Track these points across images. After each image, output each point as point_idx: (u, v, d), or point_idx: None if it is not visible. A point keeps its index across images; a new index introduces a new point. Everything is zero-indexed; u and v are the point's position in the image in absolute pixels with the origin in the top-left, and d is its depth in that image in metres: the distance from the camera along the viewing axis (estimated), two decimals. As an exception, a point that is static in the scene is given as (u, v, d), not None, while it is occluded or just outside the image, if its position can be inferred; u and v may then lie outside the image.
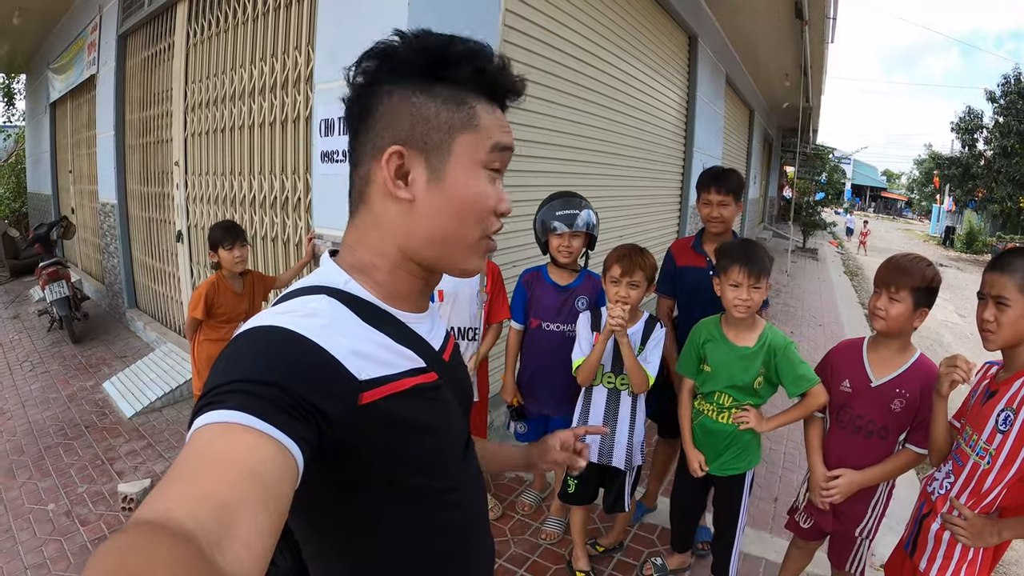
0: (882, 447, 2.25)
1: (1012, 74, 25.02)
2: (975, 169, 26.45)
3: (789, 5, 7.72)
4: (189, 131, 5.21)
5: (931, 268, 2.18)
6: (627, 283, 2.48)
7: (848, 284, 14.42)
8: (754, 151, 16.73)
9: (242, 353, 0.70)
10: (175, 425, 4.46)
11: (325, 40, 3.44)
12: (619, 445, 2.67)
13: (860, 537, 2.39)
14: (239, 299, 3.43)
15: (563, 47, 4.57)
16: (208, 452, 0.59)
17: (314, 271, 0.91)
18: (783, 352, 2.37)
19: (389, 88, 0.83)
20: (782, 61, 11.44)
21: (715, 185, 2.92)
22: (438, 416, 0.91)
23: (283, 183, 4.02)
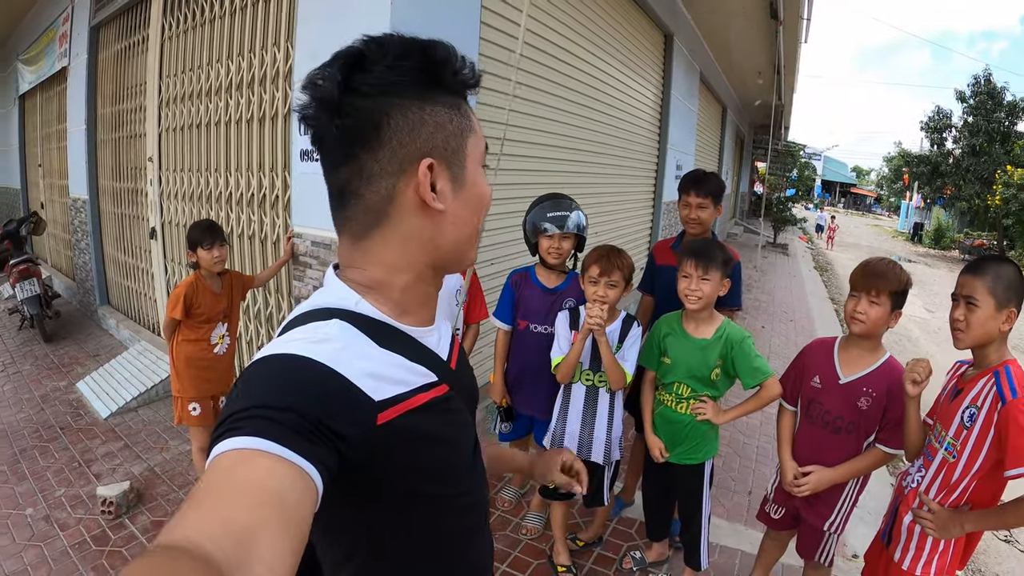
0: (850, 442, 2.33)
1: (982, 75, 25.50)
2: (944, 167, 26.91)
3: (764, 6, 7.82)
4: (163, 126, 5.12)
5: (904, 271, 2.28)
6: (605, 283, 2.53)
7: (818, 279, 14.65)
8: (726, 148, 16.97)
9: (258, 380, 0.71)
10: (151, 425, 4.41)
11: (305, 37, 3.41)
12: (597, 441, 2.71)
13: (828, 531, 2.47)
14: (218, 299, 3.40)
15: (541, 45, 4.59)
16: (228, 478, 0.59)
17: (321, 290, 0.89)
18: (739, 345, 2.48)
19: (394, 101, 0.80)
20: (756, 60, 11.59)
21: (695, 188, 3.02)
22: (452, 427, 0.93)
23: (260, 180, 3.98)
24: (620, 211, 7.19)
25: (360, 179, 0.82)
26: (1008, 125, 25.05)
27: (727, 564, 3.12)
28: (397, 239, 0.85)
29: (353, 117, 0.79)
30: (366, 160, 0.81)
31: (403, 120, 0.80)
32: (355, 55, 0.79)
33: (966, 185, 25.45)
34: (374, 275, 0.87)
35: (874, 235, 36.16)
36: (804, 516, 2.48)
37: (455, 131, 0.85)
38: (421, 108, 0.81)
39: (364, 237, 0.85)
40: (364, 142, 0.80)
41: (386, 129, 0.80)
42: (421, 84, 0.82)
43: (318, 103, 0.80)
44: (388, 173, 0.82)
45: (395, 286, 0.87)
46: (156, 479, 3.67)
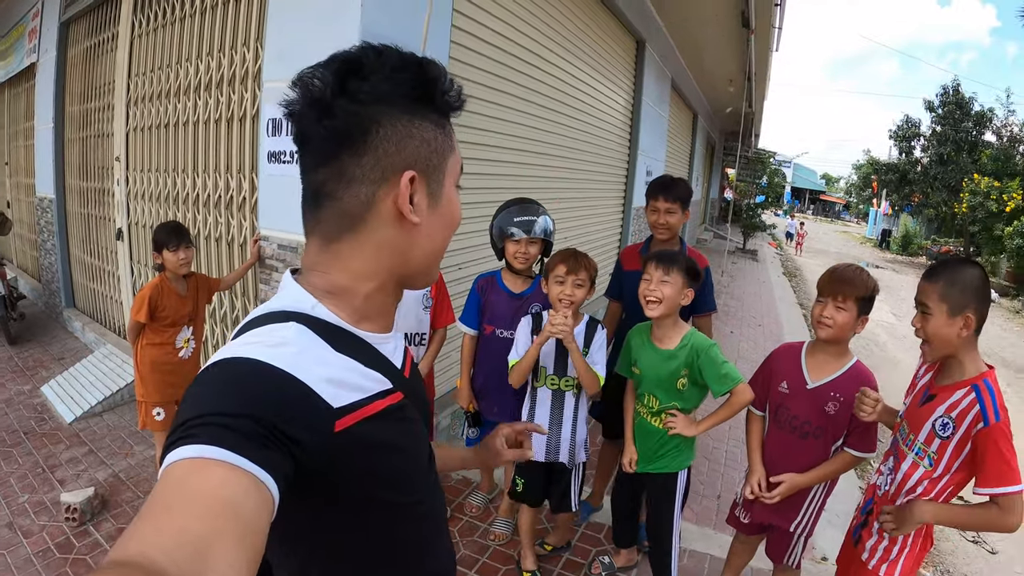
0: (818, 447, 2.35)
1: (951, 85, 26.06)
2: (912, 175, 27.45)
3: (736, 14, 7.91)
4: (131, 126, 5.03)
5: (871, 278, 2.31)
6: (572, 281, 2.52)
7: (787, 284, 14.87)
8: (697, 154, 17.12)
9: (213, 386, 0.69)
10: (116, 430, 4.33)
11: (274, 37, 3.37)
12: (564, 443, 2.72)
13: (796, 533, 2.49)
14: (183, 302, 3.34)
15: (511, 49, 4.60)
16: (182, 488, 0.58)
17: (278, 294, 0.88)
18: (705, 353, 2.46)
19: (385, 110, 0.81)
20: (727, 67, 11.71)
21: (663, 193, 3.03)
22: (406, 435, 0.93)
23: (228, 182, 3.92)
24: (590, 216, 7.22)
25: (340, 182, 0.82)
26: (975, 135, 25.65)
27: (696, 568, 3.13)
28: (369, 246, 0.85)
29: (343, 120, 0.79)
30: (349, 164, 0.81)
31: (392, 130, 0.81)
32: (353, 61, 0.80)
33: (933, 193, 25.97)
34: (338, 280, 0.86)
35: (843, 241, 36.80)
36: (771, 519, 2.50)
37: (438, 148, 0.86)
38: (410, 121, 0.83)
39: (335, 240, 0.85)
40: (351, 146, 0.81)
41: (374, 136, 0.80)
42: (413, 99, 0.83)
43: (308, 102, 0.80)
44: (370, 180, 0.82)
45: (358, 293, 0.87)
46: (121, 485, 3.60)
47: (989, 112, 25.49)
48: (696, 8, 8.03)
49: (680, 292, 2.45)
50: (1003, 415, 1.82)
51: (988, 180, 22.69)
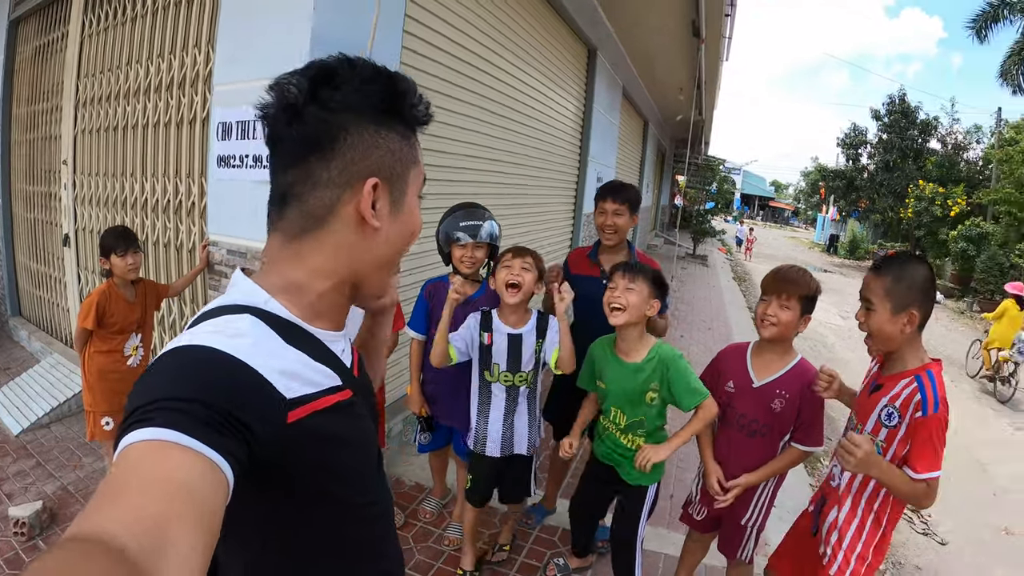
0: (765, 444, 2.39)
1: (897, 95, 26.89)
2: (859, 181, 28.31)
3: (686, 23, 8.03)
4: (79, 128, 4.90)
5: (813, 278, 2.37)
6: (519, 264, 2.59)
7: (736, 289, 15.12)
8: (647, 161, 17.39)
9: (168, 372, 0.70)
10: (64, 442, 4.20)
11: (226, 40, 3.32)
12: (520, 436, 2.76)
13: (748, 527, 2.53)
14: (131, 308, 3.27)
15: (464, 56, 4.61)
16: (139, 470, 0.59)
17: (230, 290, 0.90)
18: (674, 365, 2.44)
19: (355, 119, 0.85)
20: (678, 76, 11.88)
21: (611, 195, 3.04)
22: (356, 431, 0.95)
23: (177, 187, 3.85)
24: (540, 222, 7.27)
25: (307, 185, 0.86)
26: (920, 142, 26.59)
27: (651, 567, 3.17)
28: (328, 247, 0.88)
29: (313, 126, 0.84)
30: (317, 168, 0.85)
31: (359, 138, 0.86)
32: (328, 70, 0.85)
33: (880, 199, 26.76)
34: (294, 277, 0.89)
35: (791, 246, 37.67)
36: (723, 514, 2.54)
37: (402, 159, 0.91)
38: (377, 131, 0.87)
39: (297, 238, 0.88)
40: (319, 151, 0.85)
41: (342, 143, 0.85)
42: (381, 110, 0.88)
43: (281, 106, 0.84)
44: (335, 184, 0.86)
45: (313, 290, 0.90)
46: (70, 498, 3.49)
47: (934, 120, 26.45)
48: (647, 17, 8.15)
49: (646, 302, 2.45)
50: (943, 407, 1.87)
51: (933, 186, 23.51)
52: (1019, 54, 18.80)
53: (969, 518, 4.86)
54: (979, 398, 8.79)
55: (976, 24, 19.68)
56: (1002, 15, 19.02)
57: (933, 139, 26.75)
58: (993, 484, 5.75)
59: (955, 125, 26.42)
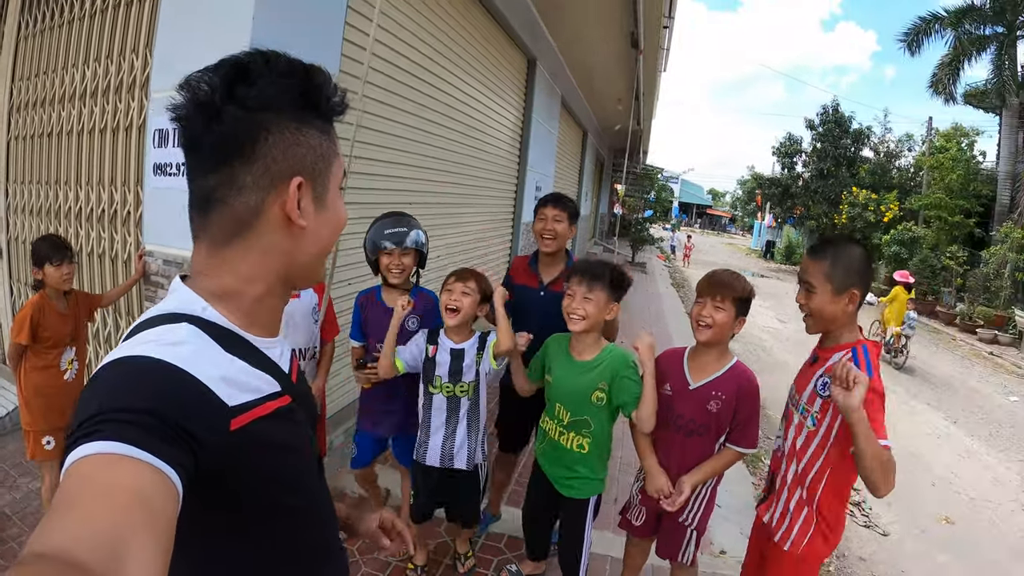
0: (703, 444, 2.43)
1: (831, 105, 27.74)
2: (794, 189, 28.95)
3: (625, 35, 8.17)
4: (12, 134, 4.72)
5: (747, 282, 2.43)
6: (459, 289, 2.63)
7: (675, 295, 15.41)
8: (586, 170, 17.67)
9: (111, 383, 0.69)
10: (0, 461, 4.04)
11: (164, 45, 3.26)
12: (460, 447, 2.74)
13: (687, 526, 2.55)
14: (64, 320, 3.16)
15: (402, 64, 4.62)
16: (91, 483, 0.58)
17: (167, 298, 0.88)
18: (625, 369, 2.46)
19: (273, 117, 0.82)
20: (616, 86, 12.09)
21: (552, 203, 3.08)
22: (297, 437, 0.94)
23: (112, 195, 3.75)
24: (479, 230, 7.31)
25: (230, 189, 0.83)
26: (853, 151, 27.48)
27: (597, 570, 3.20)
28: (257, 251, 0.86)
29: (232, 127, 0.80)
30: (239, 171, 0.82)
31: (280, 137, 0.83)
32: (242, 66, 0.81)
33: (815, 205, 27.48)
34: (227, 284, 0.87)
35: (729, 253, 38.54)
36: (662, 515, 2.55)
37: (323, 154, 0.89)
38: (298, 128, 0.85)
39: (224, 246, 0.86)
40: (240, 153, 0.81)
41: (263, 144, 0.82)
42: (299, 105, 0.85)
43: (196, 107, 0.80)
44: (259, 187, 0.83)
45: (246, 296, 0.88)
46: (6, 521, 3.33)
47: (867, 130, 27.39)
48: (587, 28, 8.28)
49: (604, 308, 2.46)
50: (875, 374, 1.90)
51: (866, 192, 24.36)
52: (949, 65, 19.62)
53: (909, 508, 5.05)
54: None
55: (908, 37, 20.48)
56: (932, 28, 19.84)
57: (866, 147, 27.71)
58: (931, 474, 5.99)
59: (888, 134, 27.47)
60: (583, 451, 2.55)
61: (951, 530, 4.87)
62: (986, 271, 16.18)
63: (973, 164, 20.17)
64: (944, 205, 19.54)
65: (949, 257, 17.96)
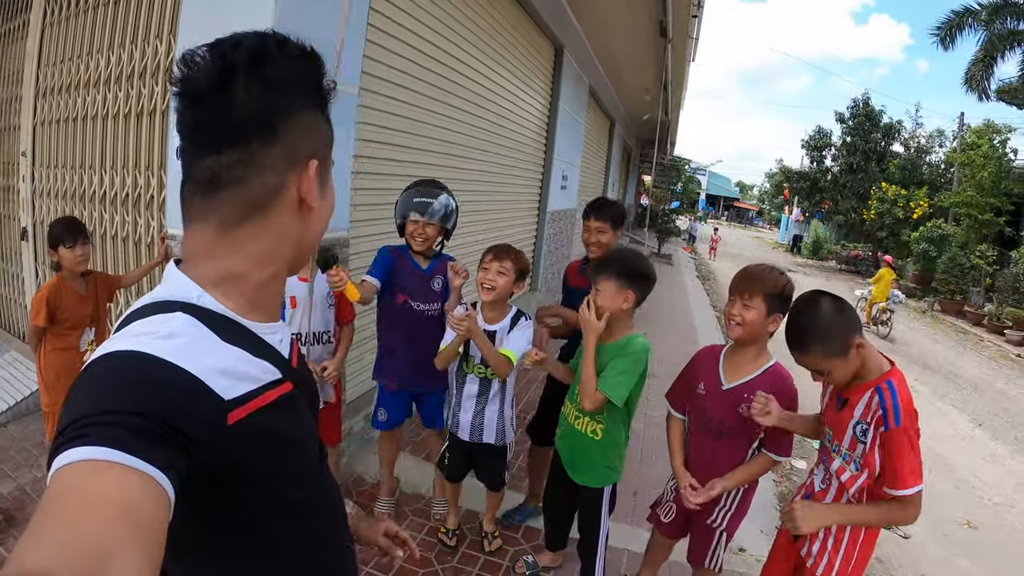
0: (732, 447, 2.37)
1: (861, 98, 27.34)
2: (822, 183, 28.81)
3: (654, 24, 8.06)
4: (39, 119, 4.78)
5: (783, 276, 2.30)
6: (495, 268, 2.71)
7: (700, 288, 15.37)
8: (613, 160, 17.50)
9: (100, 382, 0.67)
10: (21, 442, 4.07)
11: (188, 30, 3.24)
12: (489, 424, 2.90)
13: (715, 528, 2.50)
14: (83, 302, 3.19)
15: (429, 51, 4.59)
16: (76, 494, 0.56)
17: (162, 284, 0.85)
18: (625, 354, 2.43)
19: (294, 99, 0.83)
20: (644, 76, 11.93)
21: (594, 214, 3.16)
22: (299, 427, 0.92)
23: (136, 179, 3.77)
24: (504, 219, 7.29)
25: (249, 168, 0.80)
26: (884, 145, 27.12)
27: (614, 563, 3.17)
28: (271, 233, 0.85)
29: (250, 105, 0.78)
30: (259, 151, 0.80)
31: (300, 119, 0.83)
32: (259, 46, 0.79)
33: (843, 200, 27.24)
34: (233, 267, 0.84)
35: (756, 246, 38.23)
36: (691, 513, 2.51)
37: (329, 139, 0.91)
38: (314, 111, 0.86)
39: (235, 227, 0.83)
40: (261, 133, 0.80)
41: (284, 125, 0.81)
42: (312, 89, 0.86)
43: (214, 82, 0.77)
44: (279, 168, 0.82)
45: (251, 280, 0.86)
46: (27, 500, 3.38)
47: (897, 124, 26.92)
48: (615, 16, 8.17)
49: (615, 297, 2.43)
50: (905, 418, 1.85)
51: (895, 188, 24.01)
52: (983, 61, 19.20)
53: (931, 511, 4.95)
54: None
55: (941, 31, 20.07)
56: (966, 23, 19.42)
57: (896, 142, 27.32)
58: (955, 477, 5.89)
59: (919, 129, 27.04)
60: (596, 437, 2.55)
61: (973, 535, 4.79)
62: (1016, 271, 15.80)
63: (1005, 162, 19.62)
64: (974, 203, 19.13)
65: (978, 256, 17.63)
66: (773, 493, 4.46)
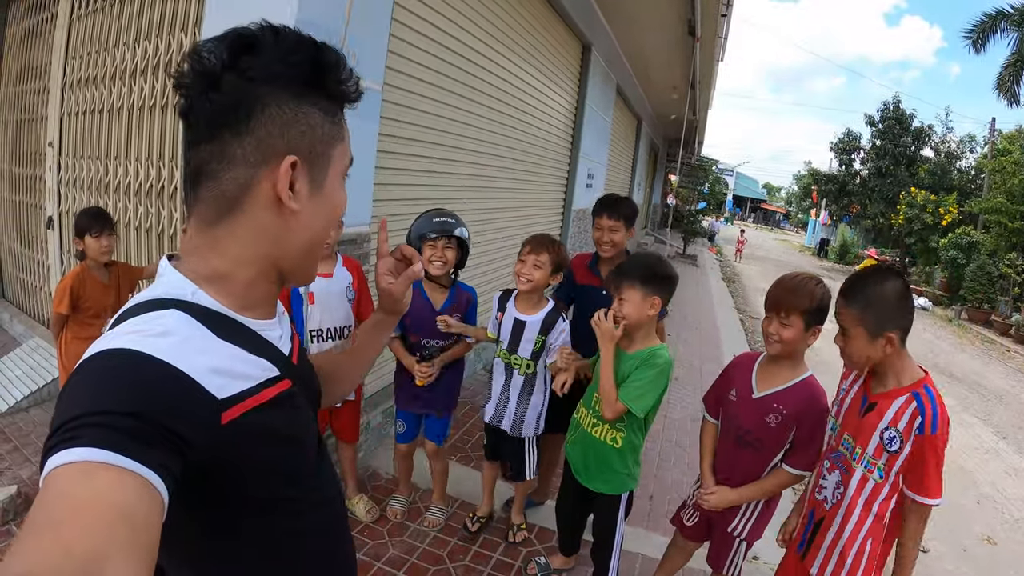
0: (754, 458, 2.32)
1: (891, 101, 26.93)
2: (851, 186, 28.37)
3: (682, 22, 7.99)
4: (66, 110, 4.85)
5: (820, 286, 2.22)
6: (532, 261, 2.74)
7: (725, 290, 15.17)
8: (640, 159, 17.35)
9: (92, 381, 0.66)
10: (43, 427, 4.12)
11: (213, 23, 3.26)
12: (508, 413, 2.96)
13: (735, 536, 2.46)
14: (106, 291, 3.22)
15: (455, 47, 4.57)
16: (68, 497, 0.55)
17: (156, 282, 0.84)
18: (648, 363, 2.39)
19: (272, 92, 0.79)
20: (672, 75, 11.81)
21: (607, 212, 3.09)
22: (297, 424, 0.91)
23: (160, 171, 3.80)
24: (529, 216, 7.25)
25: (221, 161, 0.80)
26: (914, 150, 26.64)
27: (627, 567, 3.14)
28: (247, 231, 0.83)
29: (229, 96, 0.77)
30: (231, 143, 0.79)
31: (277, 112, 0.79)
32: (248, 37, 0.79)
33: (871, 204, 26.83)
34: (217, 266, 0.83)
35: (782, 249, 37.77)
36: (713, 520, 2.50)
37: (324, 136, 0.85)
38: (297, 106, 0.81)
39: (214, 224, 0.83)
40: (234, 124, 0.78)
41: (258, 117, 0.79)
42: (304, 83, 0.82)
43: (197, 74, 0.78)
44: (249, 162, 0.80)
45: (238, 279, 0.84)
46: (46, 487, 3.43)
47: (928, 128, 26.47)
48: (644, 14, 8.10)
49: (641, 305, 2.38)
50: (942, 427, 1.82)
51: (925, 194, 23.58)
52: (1014, 66, 18.84)
53: (951, 525, 4.85)
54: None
55: (973, 35, 19.72)
56: (998, 26, 19.07)
57: (926, 147, 26.86)
58: (977, 491, 5.76)
59: (949, 134, 26.54)
60: (616, 445, 2.51)
61: (992, 551, 4.67)
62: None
63: (1036, 169, 19.24)
64: (1005, 210, 18.67)
65: (1007, 265, 17.25)
66: (791, 501, 4.39)
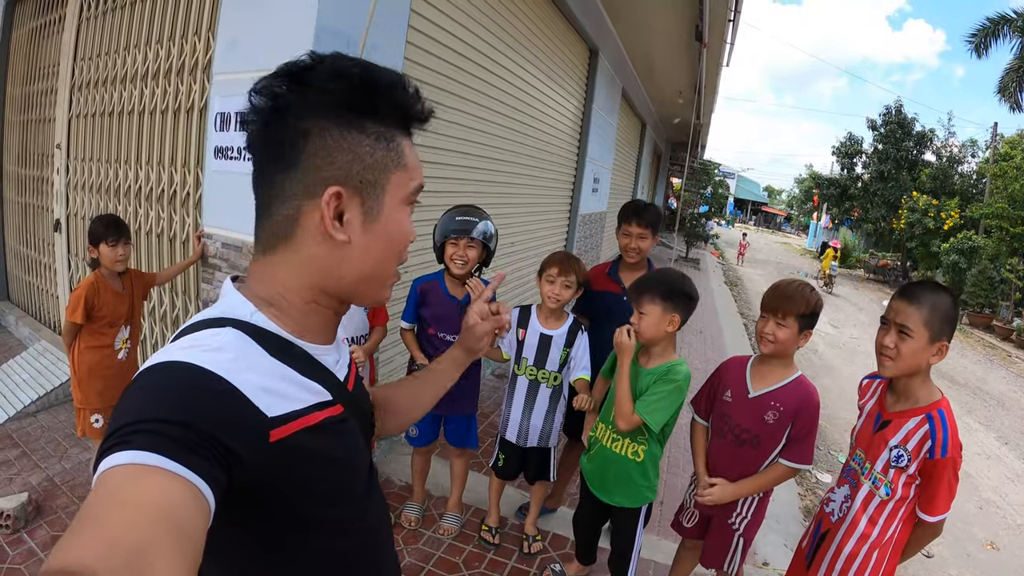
0: (753, 455, 2.39)
1: (893, 105, 26.96)
2: (852, 190, 28.43)
3: (689, 28, 8.01)
4: (74, 112, 4.83)
5: (813, 293, 2.35)
6: (562, 283, 2.78)
7: (728, 294, 15.21)
8: (643, 162, 17.40)
9: (147, 391, 0.68)
10: (51, 432, 4.11)
11: (227, 28, 3.26)
12: (534, 429, 2.97)
13: (735, 531, 2.51)
14: (121, 299, 3.20)
15: (466, 52, 4.57)
16: (118, 496, 0.57)
17: (218, 301, 0.86)
18: (666, 378, 2.40)
19: (316, 122, 0.79)
20: (678, 79, 11.85)
21: (636, 219, 3.10)
22: (346, 449, 0.91)
23: (172, 176, 3.78)
24: (535, 222, 7.26)
25: (273, 195, 0.82)
26: (916, 154, 26.69)
27: (641, 573, 3.15)
28: (296, 262, 0.84)
29: (276, 132, 0.80)
30: (280, 178, 0.81)
31: (320, 143, 0.79)
32: (299, 70, 0.79)
33: (873, 208, 26.88)
34: (272, 291, 0.84)
35: (783, 252, 37.69)
36: (713, 515, 2.55)
37: (375, 163, 0.82)
38: (341, 134, 0.80)
39: (269, 252, 0.85)
40: (281, 159, 0.80)
41: (303, 149, 0.79)
42: (349, 108, 0.80)
43: (253, 110, 0.80)
44: (295, 195, 0.81)
45: (293, 305, 0.85)
46: (56, 490, 3.41)
47: (930, 132, 26.49)
48: (651, 20, 8.12)
49: (660, 320, 2.39)
50: (953, 449, 1.86)
51: (926, 198, 23.60)
52: (1017, 71, 18.87)
53: (954, 531, 4.86)
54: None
55: (975, 39, 19.76)
56: (1000, 30, 19.09)
57: (928, 151, 26.88)
58: (979, 496, 5.78)
59: (951, 138, 26.55)
60: (638, 459, 2.52)
61: (995, 556, 4.70)
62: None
63: (1038, 174, 19.28)
64: (1007, 215, 18.73)
65: (1009, 270, 17.31)
66: (798, 507, 4.40)
